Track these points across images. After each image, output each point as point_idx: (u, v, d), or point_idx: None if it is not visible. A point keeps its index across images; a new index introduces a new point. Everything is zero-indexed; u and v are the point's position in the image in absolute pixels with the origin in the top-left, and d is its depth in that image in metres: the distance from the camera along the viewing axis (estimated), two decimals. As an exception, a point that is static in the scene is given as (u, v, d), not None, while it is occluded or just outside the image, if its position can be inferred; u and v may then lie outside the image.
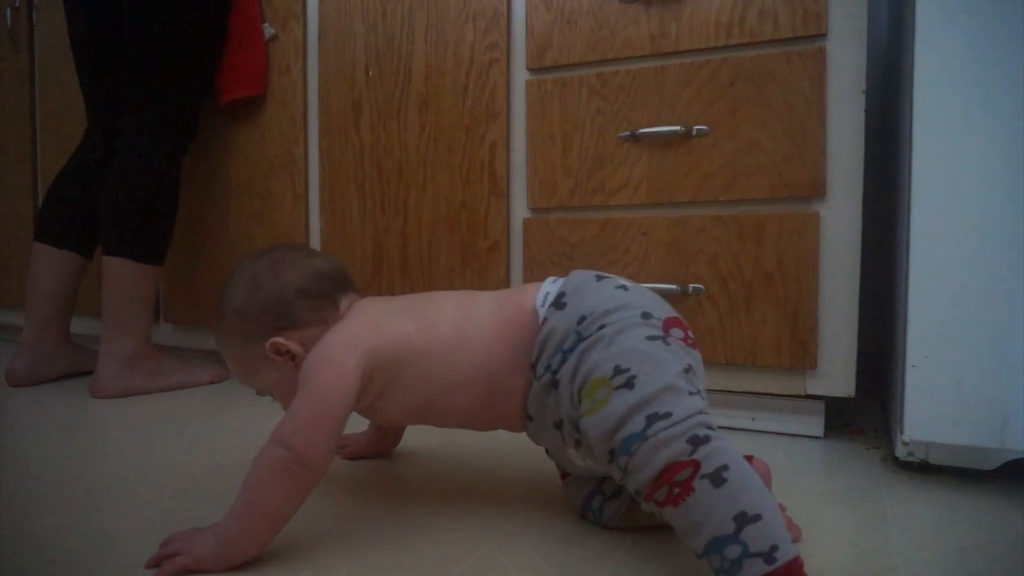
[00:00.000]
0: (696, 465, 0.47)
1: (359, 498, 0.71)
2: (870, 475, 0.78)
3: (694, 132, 0.94)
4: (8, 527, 0.64)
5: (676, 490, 0.47)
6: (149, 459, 0.85)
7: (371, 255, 1.21)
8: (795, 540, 0.59)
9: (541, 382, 0.58)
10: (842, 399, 0.93)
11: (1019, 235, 0.68)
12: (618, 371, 0.52)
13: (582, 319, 0.57)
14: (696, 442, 0.48)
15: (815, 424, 0.94)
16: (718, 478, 0.46)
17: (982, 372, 0.70)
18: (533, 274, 1.06)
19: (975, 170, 0.69)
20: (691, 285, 0.94)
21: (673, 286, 0.95)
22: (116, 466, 0.82)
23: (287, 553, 0.58)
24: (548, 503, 0.69)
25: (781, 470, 0.80)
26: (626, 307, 0.57)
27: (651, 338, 0.54)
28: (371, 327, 0.62)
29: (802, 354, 0.89)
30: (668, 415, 0.49)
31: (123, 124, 1.25)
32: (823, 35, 0.87)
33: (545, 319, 0.59)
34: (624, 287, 0.60)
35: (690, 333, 0.58)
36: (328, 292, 0.66)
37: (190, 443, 0.92)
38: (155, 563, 0.55)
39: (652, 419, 0.49)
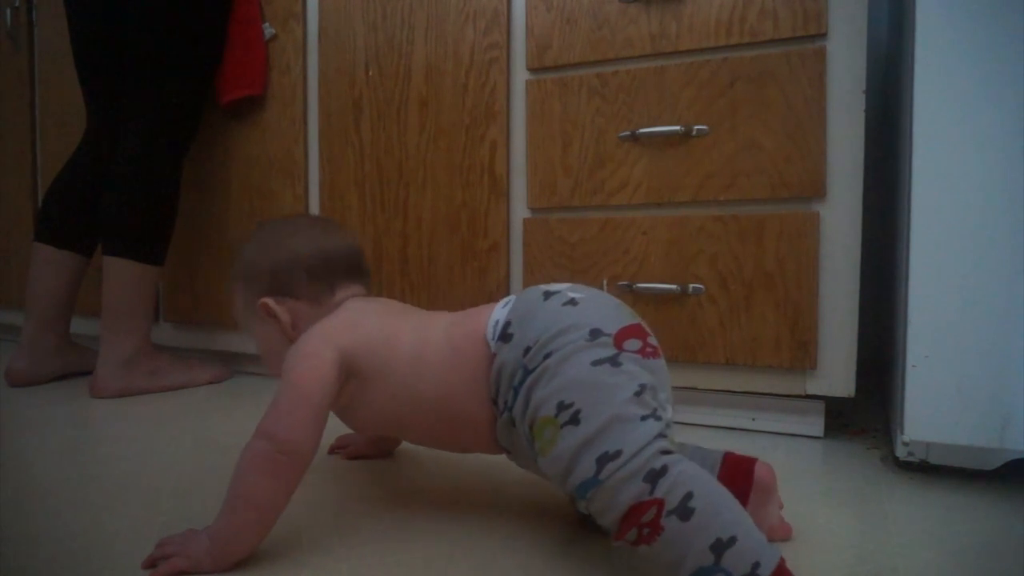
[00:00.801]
0: (660, 503, 0.45)
1: (359, 498, 0.71)
2: (870, 475, 0.78)
3: (694, 132, 0.94)
4: (8, 527, 0.64)
5: (646, 531, 0.45)
6: (149, 459, 0.85)
7: (371, 255, 1.21)
8: (785, 539, 0.59)
9: (503, 418, 0.57)
10: (842, 399, 0.93)
11: (1019, 235, 0.68)
12: (562, 407, 0.50)
13: (527, 350, 0.54)
14: (654, 477, 0.45)
15: (815, 424, 0.94)
16: (685, 510, 0.44)
17: (982, 372, 0.69)
18: (533, 274, 1.06)
19: (975, 170, 0.69)
20: (691, 285, 0.94)
21: (673, 286, 0.95)
22: (116, 466, 0.82)
23: (287, 553, 0.58)
24: (548, 504, 0.69)
25: (781, 470, 0.79)
26: (572, 328, 0.53)
27: (597, 362, 0.51)
28: (350, 327, 0.63)
29: (802, 354, 0.89)
30: (618, 453, 0.47)
31: (123, 124, 1.25)
32: (823, 35, 0.87)
33: (495, 353, 0.57)
34: (573, 302, 0.56)
35: (650, 340, 0.55)
36: (328, 276, 0.69)
37: (190, 443, 0.92)
38: (150, 564, 0.55)
39: (603, 460, 0.47)
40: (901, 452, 0.76)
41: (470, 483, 0.76)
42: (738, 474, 0.58)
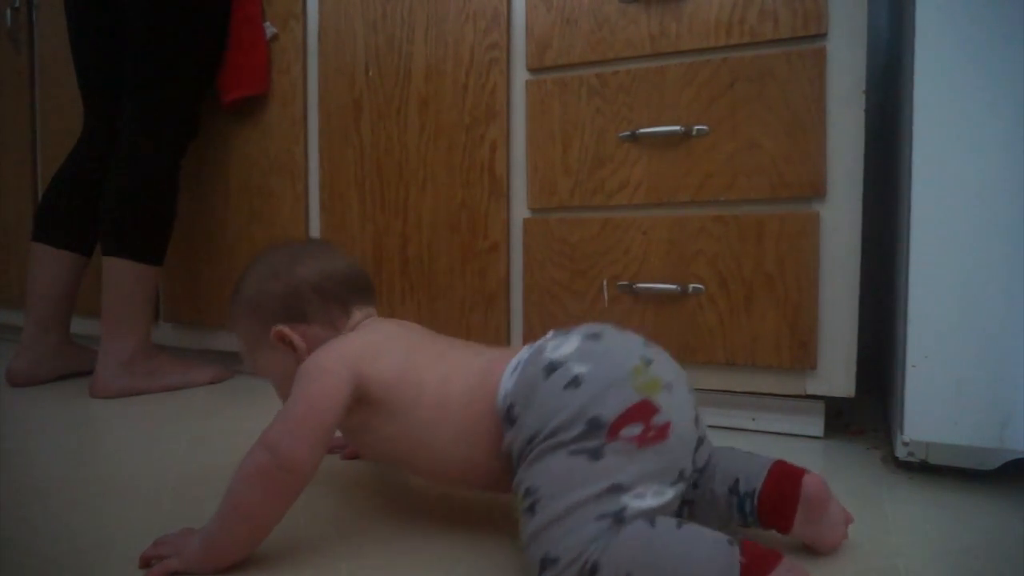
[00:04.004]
0: None
1: (358, 498, 0.71)
2: (870, 475, 0.78)
3: (694, 132, 0.94)
4: (8, 527, 0.64)
5: None
6: (149, 459, 0.85)
7: (371, 255, 1.21)
8: (848, 521, 0.58)
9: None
10: (842, 399, 0.93)
11: (1019, 235, 0.68)
12: (528, 493, 0.49)
13: (531, 439, 0.52)
14: None
15: (815, 424, 0.94)
16: None
17: (982, 372, 0.69)
18: (533, 274, 1.06)
19: (975, 170, 0.69)
20: (691, 285, 0.94)
21: (673, 286, 0.95)
22: (116, 466, 0.82)
23: (287, 553, 0.58)
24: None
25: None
26: (570, 422, 0.50)
27: (576, 452, 0.49)
28: (373, 353, 0.60)
29: (802, 354, 0.89)
30: (555, 561, 0.46)
31: (122, 123, 1.25)
32: (823, 35, 0.87)
33: (505, 433, 0.55)
34: (576, 381, 0.51)
35: (656, 420, 0.50)
36: (341, 296, 0.67)
37: (190, 443, 0.92)
38: (145, 563, 0.55)
39: (545, 563, 0.46)
40: (901, 452, 0.76)
41: (470, 483, 0.76)
42: (784, 488, 0.55)
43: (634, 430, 0.49)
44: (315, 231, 1.29)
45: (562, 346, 0.54)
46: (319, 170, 1.27)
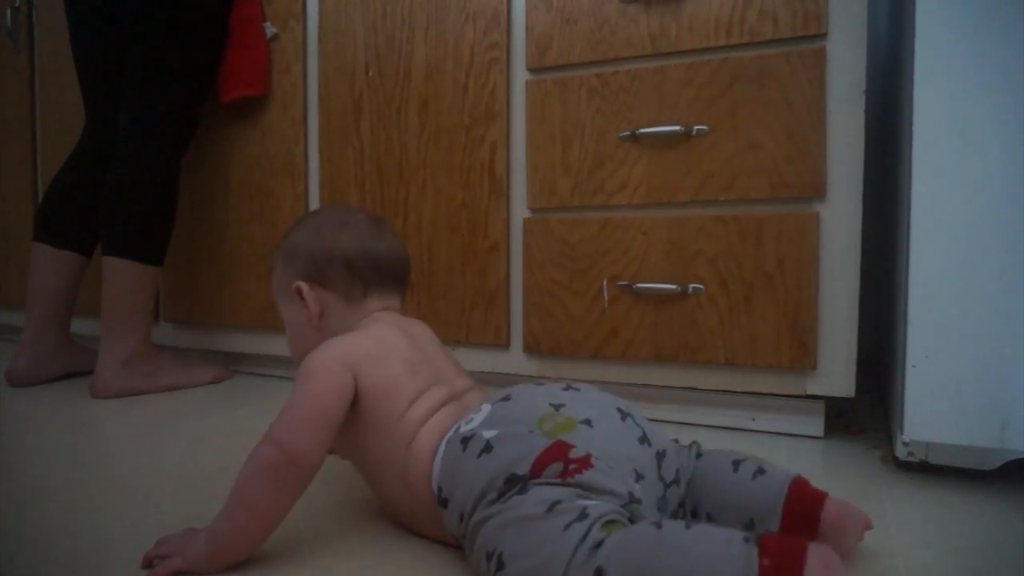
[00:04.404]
0: None
1: (359, 498, 0.71)
2: (870, 475, 0.78)
3: (694, 132, 0.94)
4: (8, 527, 0.64)
5: None
6: (149, 459, 0.85)
7: (371, 255, 1.21)
8: (867, 528, 0.56)
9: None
10: (842, 399, 0.93)
11: (1019, 235, 0.68)
12: (488, 558, 0.48)
13: (462, 517, 0.52)
14: None
15: (815, 424, 0.94)
16: None
17: (982, 372, 0.69)
18: (533, 274, 1.06)
19: (975, 170, 0.69)
20: (691, 285, 0.94)
21: (673, 286, 0.95)
22: (116, 466, 0.82)
23: (287, 553, 0.58)
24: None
25: (781, 470, 0.79)
26: (489, 486, 0.50)
27: (506, 499, 0.49)
28: (375, 362, 0.60)
29: (802, 354, 0.89)
30: None
31: (122, 123, 1.25)
32: (823, 35, 0.87)
33: (441, 516, 0.56)
34: (488, 447, 0.52)
35: (574, 454, 0.49)
36: (367, 277, 0.68)
37: (190, 443, 0.92)
38: (147, 564, 0.55)
39: None
40: (901, 452, 0.76)
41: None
42: (801, 518, 0.53)
43: (555, 469, 0.49)
44: (315, 231, 1.28)
45: (474, 418, 0.56)
46: (319, 170, 1.27)
